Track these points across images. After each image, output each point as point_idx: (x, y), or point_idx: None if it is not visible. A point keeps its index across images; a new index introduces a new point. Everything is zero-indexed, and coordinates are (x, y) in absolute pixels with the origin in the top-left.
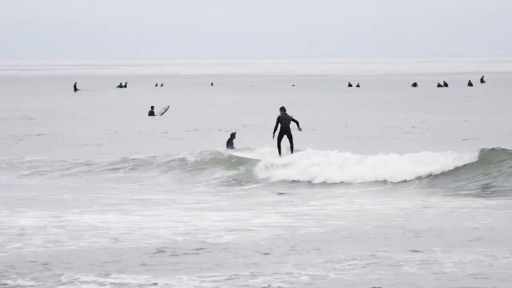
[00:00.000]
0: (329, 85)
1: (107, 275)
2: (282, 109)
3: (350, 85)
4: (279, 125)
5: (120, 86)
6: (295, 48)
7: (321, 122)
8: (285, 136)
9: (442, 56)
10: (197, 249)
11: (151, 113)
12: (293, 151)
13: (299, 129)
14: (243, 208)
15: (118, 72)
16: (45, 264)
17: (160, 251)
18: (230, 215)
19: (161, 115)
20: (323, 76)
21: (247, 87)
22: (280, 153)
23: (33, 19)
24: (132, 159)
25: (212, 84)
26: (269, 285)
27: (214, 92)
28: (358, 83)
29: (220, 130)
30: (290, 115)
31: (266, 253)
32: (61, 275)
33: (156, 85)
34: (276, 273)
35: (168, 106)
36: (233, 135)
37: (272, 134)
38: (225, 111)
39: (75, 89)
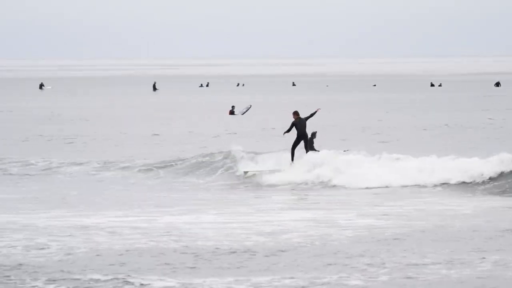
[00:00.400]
0: (411, 85)
1: (177, 275)
2: (296, 114)
3: (432, 85)
4: (296, 131)
5: (201, 85)
6: (295, 48)
7: (401, 121)
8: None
9: (444, 57)
10: (275, 249)
11: (232, 112)
12: (308, 152)
13: (318, 109)
14: (318, 207)
15: (195, 72)
16: (116, 263)
17: (237, 251)
18: (309, 215)
19: (242, 114)
20: (403, 76)
21: (327, 86)
22: (292, 159)
23: (33, 19)
24: (206, 157)
25: (294, 84)
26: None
27: (296, 91)
28: (440, 83)
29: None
30: (303, 117)
31: (344, 252)
32: (130, 273)
33: (238, 84)
34: (354, 270)
35: (250, 105)
36: (314, 135)
37: (284, 133)
38: (306, 110)
39: (154, 88)
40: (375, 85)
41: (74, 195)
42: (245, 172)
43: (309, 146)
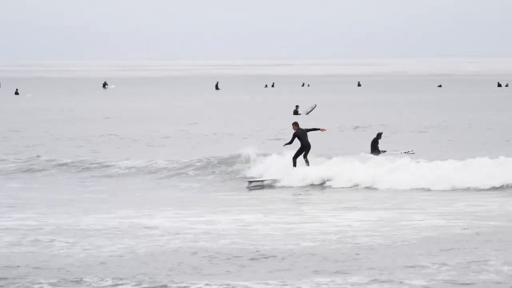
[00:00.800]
0: (478, 85)
1: (240, 277)
2: (296, 124)
3: (499, 85)
4: (299, 142)
5: (266, 86)
6: (295, 49)
7: (471, 122)
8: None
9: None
10: (340, 250)
11: (296, 112)
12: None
13: (323, 129)
14: (387, 207)
15: (255, 73)
16: (175, 263)
17: (303, 252)
18: (376, 215)
19: (307, 113)
20: (469, 75)
21: (393, 86)
22: (295, 165)
23: (33, 19)
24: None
25: (359, 84)
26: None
27: (362, 91)
28: (507, 83)
29: (356, 128)
30: (304, 128)
31: (408, 252)
32: (187, 273)
33: (303, 85)
34: (417, 269)
35: (315, 105)
36: (379, 135)
37: (284, 145)
38: (371, 110)
39: (217, 87)
40: (440, 86)
41: (139, 195)
42: (250, 182)
43: (374, 147)
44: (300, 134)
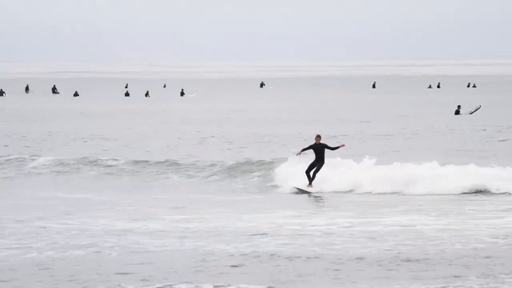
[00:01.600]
0: None
1: (397, 280)
2: (319, 137)
3: None
4: (315, 155)
5: (430, 86)
6: (295, 48)
7: None
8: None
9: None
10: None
11: (457, 112)
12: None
13: (342, 145)
14: None
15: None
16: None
17: (476, 255)
18: None
19: (470, 114)
20: None
21: None
22: (310, 181)
23: (33, 19)
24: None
25: None
26: None
27: None
28: None
29: None
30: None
31: None
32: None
33: (468, 85)
34: None
35: (480, 106)
36: None
37: (298, 153)
38: None
39: (373, 86)
40: None
41: (296, 199)
42: (299, 189)
43: None
44: (319, 147)
